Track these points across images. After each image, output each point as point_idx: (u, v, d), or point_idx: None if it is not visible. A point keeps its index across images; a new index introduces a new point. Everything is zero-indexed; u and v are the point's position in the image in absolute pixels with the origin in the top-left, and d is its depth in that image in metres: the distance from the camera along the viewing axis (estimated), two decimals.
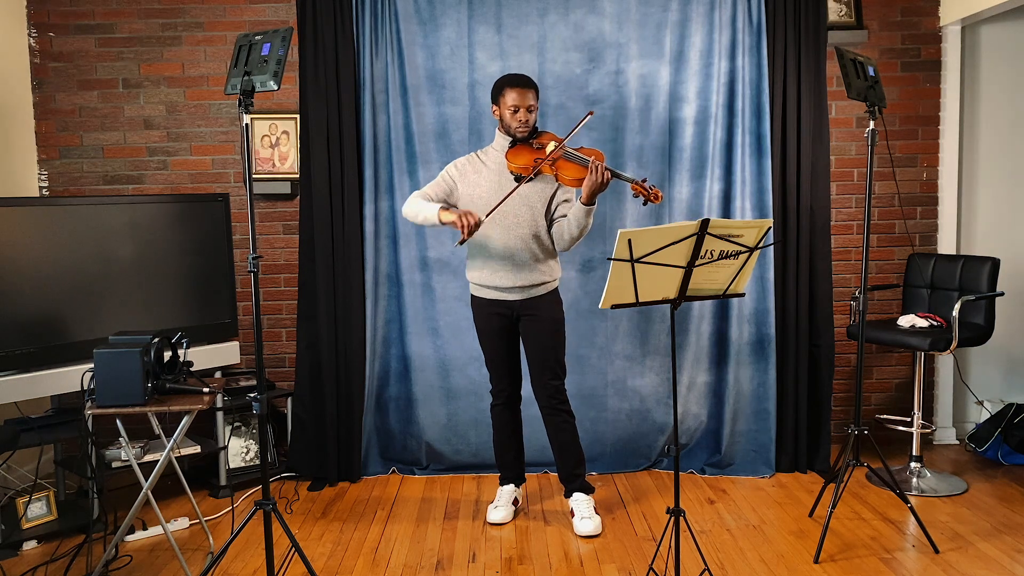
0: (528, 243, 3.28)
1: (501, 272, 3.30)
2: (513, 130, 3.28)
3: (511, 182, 3.24)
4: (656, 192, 3.05)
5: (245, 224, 4.24)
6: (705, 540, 3.29)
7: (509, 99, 3.25)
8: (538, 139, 3.29)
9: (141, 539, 3.38)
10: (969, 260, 3.95)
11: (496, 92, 3.31)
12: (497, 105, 3.31)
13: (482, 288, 3.38)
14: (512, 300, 3.34)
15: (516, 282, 3.30)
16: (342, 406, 3.99)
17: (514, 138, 3.30)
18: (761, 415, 4.02)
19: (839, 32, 4.20)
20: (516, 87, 3.26)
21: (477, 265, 3.35)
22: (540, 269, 3.32)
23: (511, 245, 3.27)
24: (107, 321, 3.51)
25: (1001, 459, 4.12)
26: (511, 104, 3.25)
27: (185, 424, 2.94)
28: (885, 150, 4.29)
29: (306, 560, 2.75)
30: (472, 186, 3.32)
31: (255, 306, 2.65)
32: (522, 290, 3.32)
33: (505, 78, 3.32)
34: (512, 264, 3.29)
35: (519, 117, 3.25)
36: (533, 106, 3.27)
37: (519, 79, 3.29)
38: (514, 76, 3.32)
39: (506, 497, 3.56)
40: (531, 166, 3.18)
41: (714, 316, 4.10)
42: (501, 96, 3.28)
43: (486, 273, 3.33)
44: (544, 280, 3.34)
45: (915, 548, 3.18)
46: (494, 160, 3.34)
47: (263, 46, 2.62)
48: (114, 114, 4.25)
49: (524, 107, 3.24)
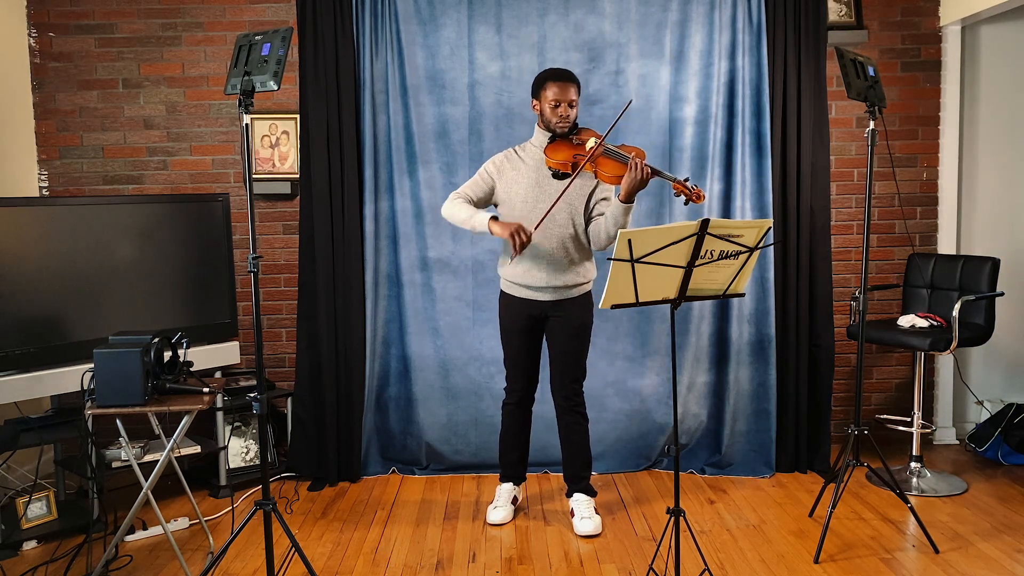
0: (565, 243, 3.25)
1: (535, 272, 3.26)
2: (553, 125, 3.22)
3: (549, 179, 3.22)
4: (698, 191, 2.98)
5: (245, 224, 4.24)
6: (705, 540, 3.29)
7: (550, 93, 3.20)
8: (578, 135, 3.24)
9: (141, 539, 3.38)
10: (969, 260, 3.95)
11: (537, 86, 3.26)
12: (537, 99, 3.26)
13: (514, 286, 3.33)
14: (543, 300, 3.31)
15: (550, 282, 3.26)
16: (342, 406, 3.99)
17: (553, 133, 3.25)
18: (761, 415, 4.02)
19: (839, 32, 4.20)
20: (558, 81, 3.20)
21: (511, 262, 3.30)
22: (575, 270, 3.29)
23: (548, 245, 3.23)
24: (107, 321, 3.51)
25: (1001, 459, 4.12)
26: (552, 98, 3.19)
27: (185, 424, 2.94)
28: (885, 150, 4.29)
29: (306, 560, 2.75)
30: (510, 183, 3.28)
31: (255, 306, 2.65)
32: (555, 290, 3.29)
33: (547, 72, 3.26)
34: (548, 264, 3.25)
35: (560, 112, 3.20)
36: (574, 101, 3.21)
37: (561, 73, 3.24)
38: (556, 70, 3.26)
39: (505, 496, 3.56)
40: (570, 162, 3.13)
41: (714, 316, 4.10)
42: (542, 90, 3.23)
43: (520, 271, 3.28)
44: (579, 281, 3.31)
45: (915, 548, 3.18)
46: (532, 157, 3.29)
47: (263, 46, 2.62)
48: (114, 114, 4.25)
49: (565, 101, 3.19)
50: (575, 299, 3.32)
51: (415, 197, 4.06)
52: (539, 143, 3.29)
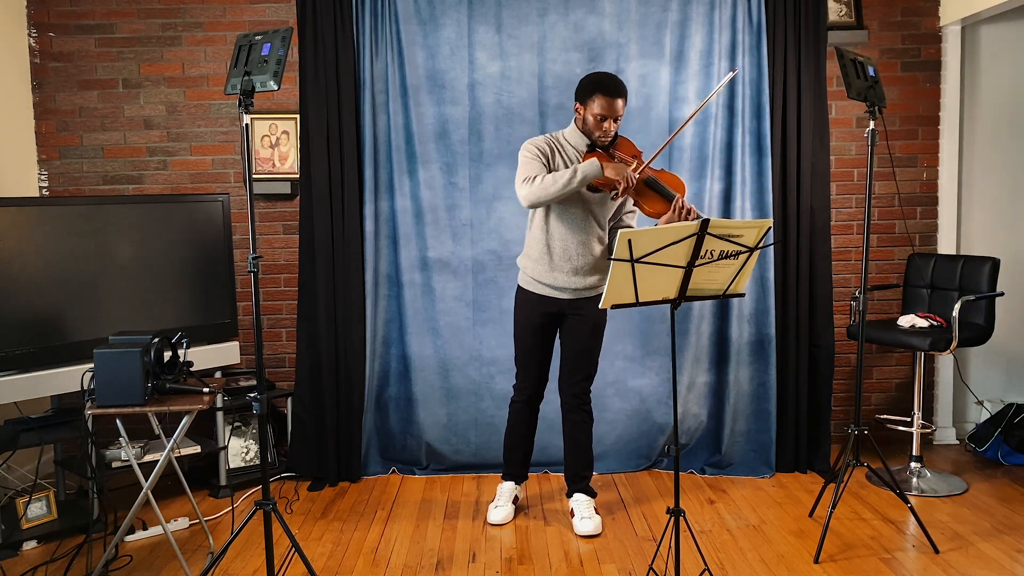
0: (591, 247, 3.26)
1: (558, 272, 3.27)
2: (595, 138, 3.17)
3: None
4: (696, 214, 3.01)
5: (245, 224, 4.24)
6: (705, 540, 3.29)
7: (597, 106, 3.10)
8: (616, 147, 3.19)
9: (141, 539, 3.38)
10: (969, 260, 3.95)
11: (585, 93, 3.14)
12: (583, 106, 3.16)
13: (534, 283, 3.33)
14: (562, 299, 3.31)
15: (571, 283, 3.27)
16: (342, 406, 3.99)
17: (592, 144, 3.21)
18: (761, 415, 4.02)
19: (839, 32, 4.20)
20: (608, 96, 3.08)
21: (534, 258, 3.30)
22: (597, 273, 3.30)
23: (572, 247, 3.24)
24: (107, 321, 3.51)
25: (1001, 459, 4.12)
26: (598, 112, 3.10)
27: (185, 424, 2.94)
28: (885, 150, 4.29)
29: (306, 560, 2.75)
30: (557, 167, 3.22)
31: (255, 306, 2.65)
32: (575, 291, 3.30)
33: (598, 82, 3.12)
34: (571, 265, 3.26)
35: (604, 127, 3.13)
36: (620, 116, 3.15)
37: (613, 86, 3.10)
38: (608, 80, 3.11)
39: (507, 495, 3.56)
40: (611, 188, 3.04)
41: (714, 316, 4.10)
42: (590, 99, 3.12)
43: (542, 268, 3.28)
44: (598, 283, 3.32)
45: (915, 548, 3.18)
46: (572, 153, 3.23)
47: (263, 46, 2.62)
48: (114, 114, 4.25)
49: (612, 117, 3.11)
50: (593, 298, 3.33)
51: (415, 197, 4.06)
52: (577, 144, 3.23)
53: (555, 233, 3.24)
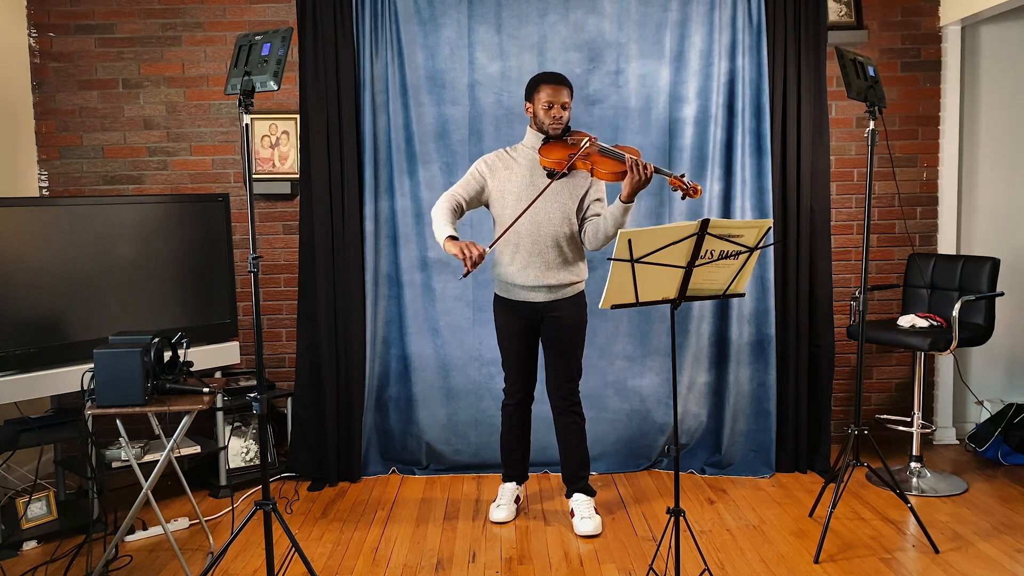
0: (559, 242, 3.26)
1: (529, 271, 3.27)
2: (547, 127, 3.25)
3: (543, 178, 3.22)
4: (695, 186, 2.99)
5: (245, 224, 4.24)
6: (705, 540, 3.29)
7: (543, 95, 3.23)
8: (572, 136, 3.26)
9: (141, 539, 3.38)
10: (969, 260, 3.95)
11: (530, 89, 3.29)
12: (531, 102, 3.28)
13: (508, 287, 3.33)
14: (538, 301, 3.31)
15: (545, 281, 3.27)
16: (342, 406, 3.99)
17: (547, 135, 3.27)
18: (761, 415, 4.02)
19: (839, 32, 4.20)
20: (551, 84, 3.23)
21: (504, 262, 3.31)
22: (569, 269, 3.30)
23: (542, 244, 3.25)
24: (107, 321, 3.51)
25: (1001, 459, 4.12)
26: (545, 100, 3.22)
27: (185, 424, 2.94)
28: (885, 150, 4.29)
29: (306, 560, 2.75)
30: (503, 182, 3.28)
31: (255, 306, 2.65)
32: (549, 290, 3.29)
33: (540, 75, 3.29)
34: (542, 263, 3.26)
35: (553, 114, 3.22)
36: (567, 103, 3.24)
37: (553, 76, 3.27)
38: (549, 73, 3.29)
39: (508, 495, 3.56)
40: (565, 161, 3.14)
41: (714, 316, 4.10)
42: (536, 92, 3.26)
43: (513, 270, 3.29)
44: (572, 280, 3.32)
45: (915, 548, 3.18)
46: (525, 156, 3.30)
47: (263, 46, 2.62)
48: (114, 114, 4.25)
49: (558, 103, 3.22)
50: (569, 299, 3.33)
51: (415, 197, 4.06)
52: (532, 144, 3.31)
53: (522, 231, 3.24)
